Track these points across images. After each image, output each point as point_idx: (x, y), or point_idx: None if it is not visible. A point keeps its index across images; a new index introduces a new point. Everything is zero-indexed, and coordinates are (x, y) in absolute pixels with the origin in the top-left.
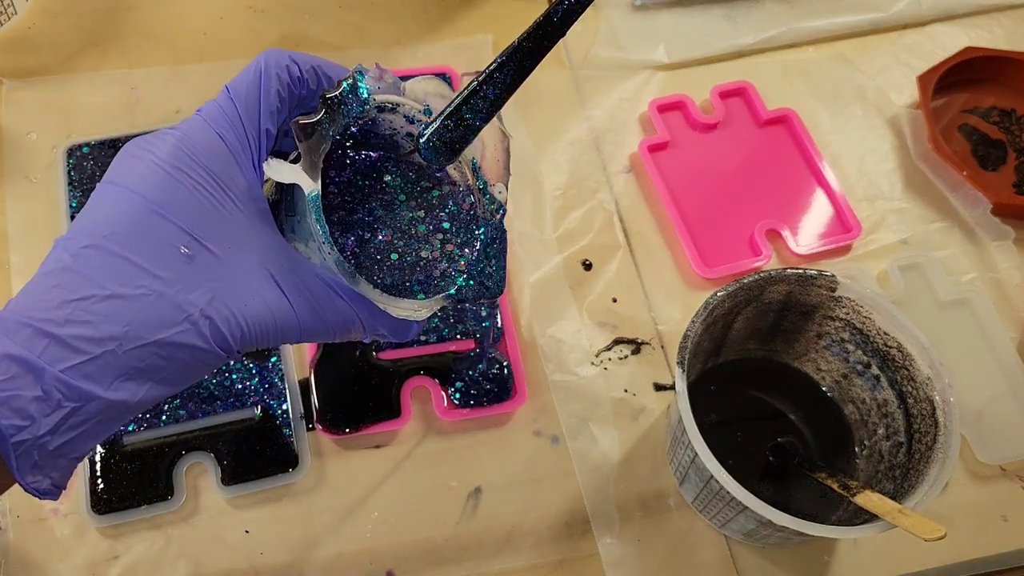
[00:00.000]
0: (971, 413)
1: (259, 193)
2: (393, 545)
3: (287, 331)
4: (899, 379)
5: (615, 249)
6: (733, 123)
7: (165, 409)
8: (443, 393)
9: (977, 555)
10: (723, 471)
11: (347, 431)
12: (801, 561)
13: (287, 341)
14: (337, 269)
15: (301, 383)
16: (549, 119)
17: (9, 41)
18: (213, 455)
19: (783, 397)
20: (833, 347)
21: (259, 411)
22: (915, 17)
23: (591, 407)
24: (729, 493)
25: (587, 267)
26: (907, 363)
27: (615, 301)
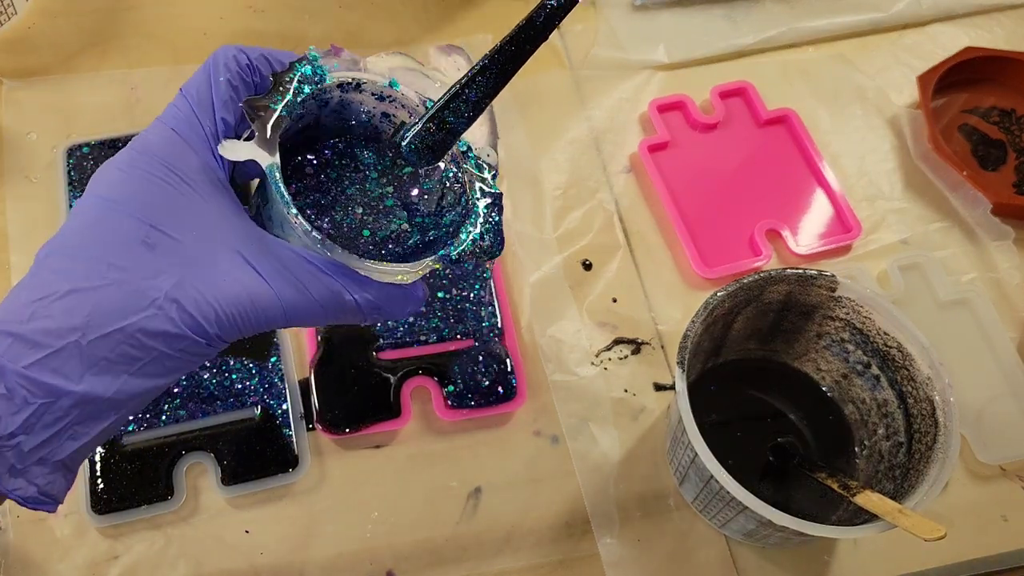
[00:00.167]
0: (971, 413)
1: (222, 178)
2: (393, 545)
3: (269, 311)
4: (899, 379)
5: (615, 249)
6: (733, 123)
7: (165, 409)
8: (443, 393)
9: (977, 555)
10: (723, 471)
11: (347, 431)
12: (801, 561)
13: (274, 322)
14: (307, 240)
15: (301, 383)
16: (549, 119)
17: (9, 41)
18: (213, 455)
19: (783, 397)
20: (833, 347)
21: (259, 411)
22: (915, 17)
23: (591, 407)
24: (729, 493)
25: (587, 267)
26: (907, 363)
27: (615, 301)
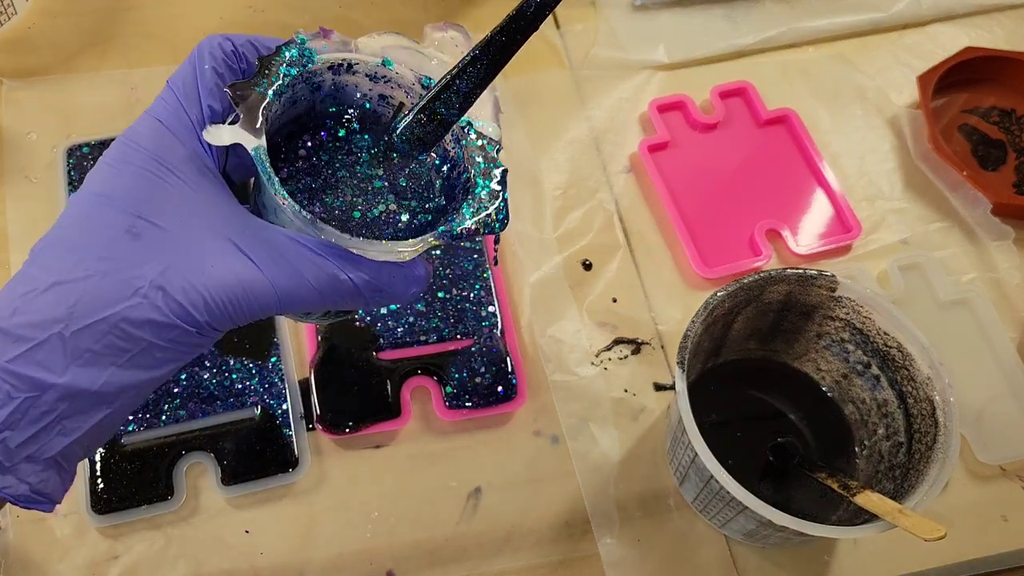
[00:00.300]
0: (971, 413)
1: (210, 165)
2: (393, 545)
3: (262, 297)
4: (899, 379)
5: (615, 249)
6: (733, 123)
7: (165, 409)
8: (443, 393)
9: (977, 555)
10: (723, 471)
11: (347, 431)
12: (801, 561)
13: (269, 308)
14: (297, 222)
15: (301, 383)
16: (549, 119)
17: (9, 41)
18: (213, 455)
19: (783, 397)
20: (833, 347)
21: (259, 411)
22: (915, 17)
23: (591, 407)
24: (729, 493)
25: (587, 267)
26: (907, 363)
27: (615, 301)
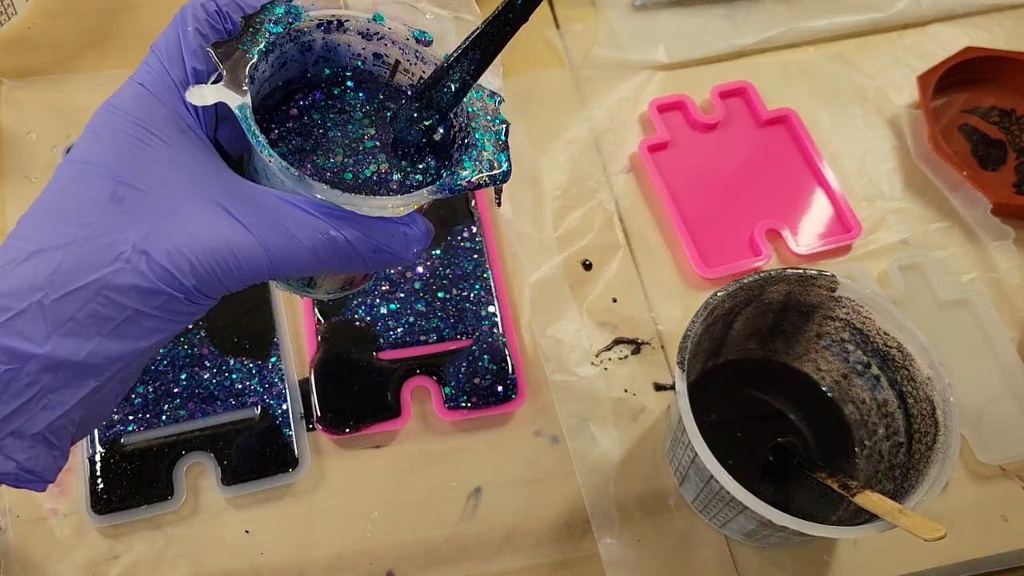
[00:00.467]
0: (971, 413)
1: (192, 125)
2: (393, 545)
3: (252, 259)
4: (899, 379)
5: (615, 249)
6: (733, 123)
7: (165, 409)
8: (443, 393)
9: (977, 555)
10: (723, 471)
11: (347, 431)
12: (801, 561)
13: (260, 271)
14: (286, 180)
15: (301, 383)
16: (549, 119)
17: (9, 41)
18: (213, 455)
19: (783, 397)
20: (833, 347)
21: (259, 411)
22: (915, 17)
23: (591, 407)
24: (729, 493)
25: (587, 267)
26: (907, 363)
27: (615, 301)
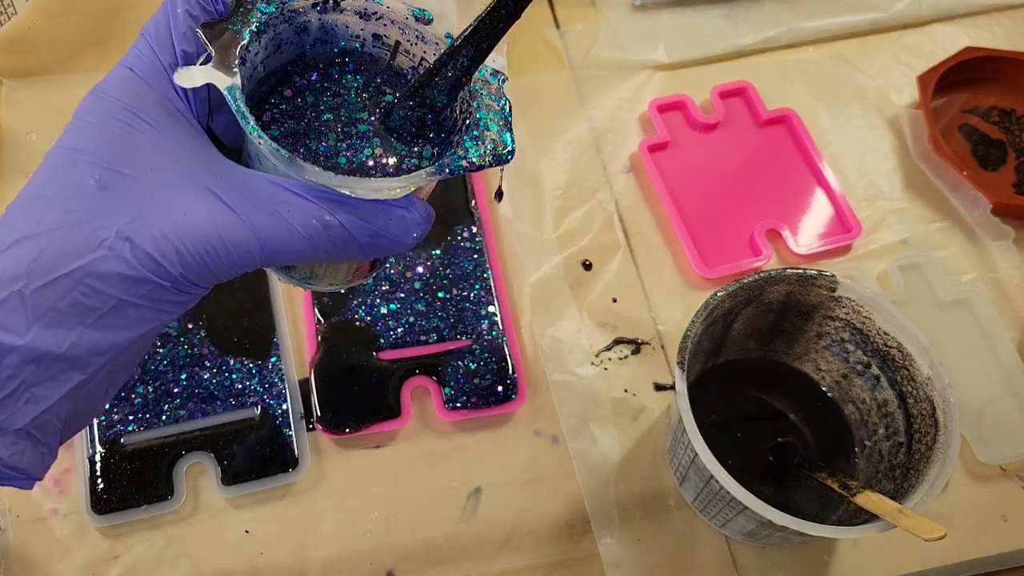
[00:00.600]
0: (971, 413)
1: (182, 109)
2: (393, 545)
3: (241, 245)
4: (899, 379)
5: (615, 249)
6: (733, 123)
7: (165, 409)
8: (443, 393)
9: (977, 555)
10: (723, 471)
11: (347, 431)
12: (801, 561)
13: (251, 259)
14: (278, 163)
15: (301, 383)
16: (549, 119)
17: (9, 41)
18: (213, 455)
19: (783, 397)
20: (833, 347)
21: (259, 411)
22: (915, 17)
23: (591, 407)
24: (729, 493)
25: (587, 267)
26: (907, 363)
27: (615, 301)
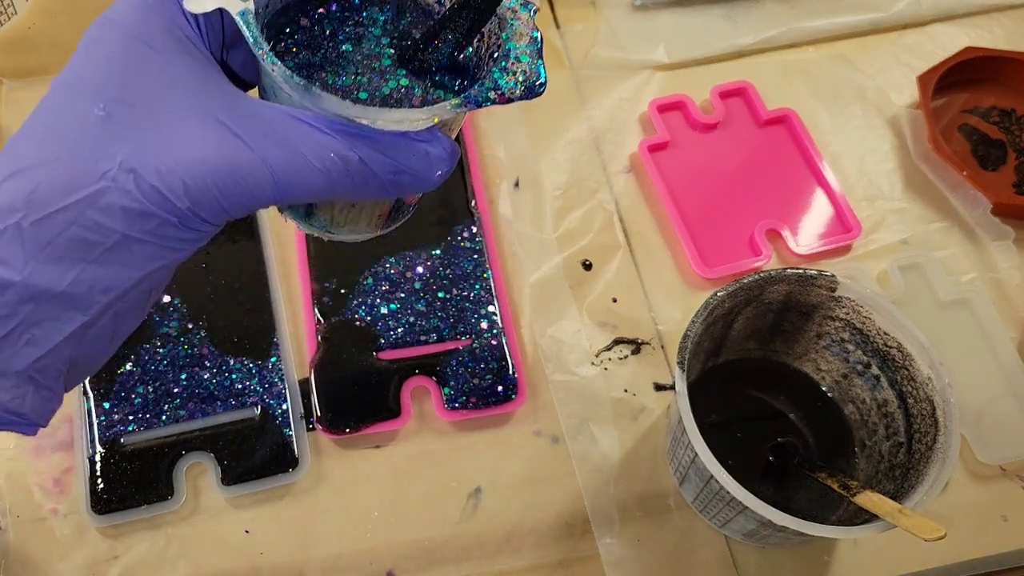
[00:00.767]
0: (971, 413)
1: (194, 39)
2: (393, 545)
3: (254, 179)
4: (899, 379)
5: (615, 249)
6: (733, 123)
7: (165, 409)
8: (443, 393)
9: (977, 555)
10: (723, 471)
11: (347, 431)
12: (801, 561)
13: (263, 194)
14: (292, 93)
15: (301, 383)
16: (549, 119)
17: (9, 41)
18: (213, 455)
19: (783, 397)
20: (833, 347)
21: (259, 411)
22: (915, 17)
23: (591, 407)
24: (729, 493)
25: (587, 267)
26: (907, 363)
27: (615, 301)
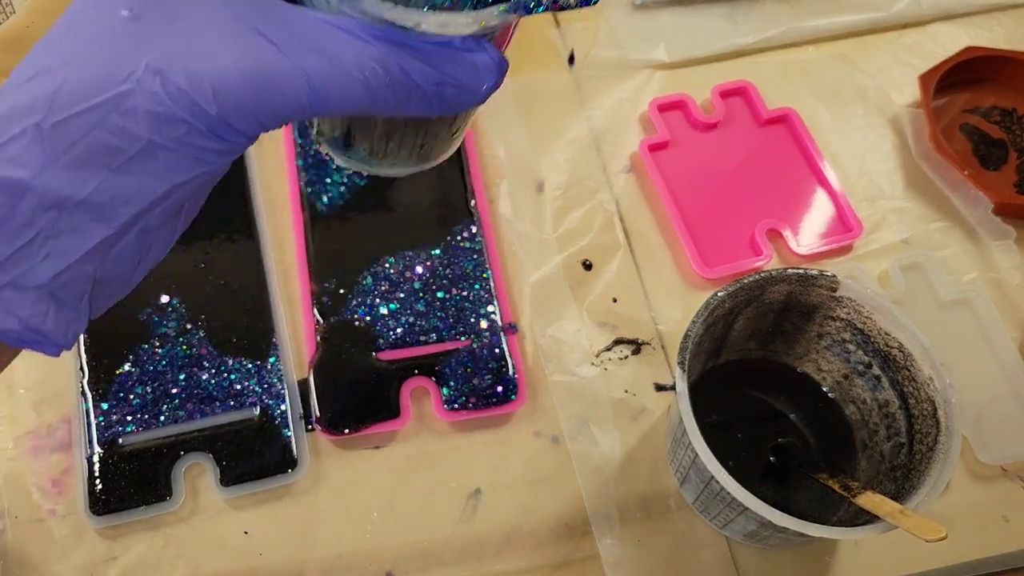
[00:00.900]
0: (972, 413)
1: None
2: (393, 546)
3: (289, 87)
4: (900, 379)
5: (615, 249)
6: (733, 123)
7: (164, 409)
8: (442, 393)
9: (978, 556)
10: (724, 472)
11: (346, 432)
12: (802, 562)
13: (299, 102)
14: None
15: (300, 383)
16: (549, 119)
17: (8, 41)
18: (212, 456)
19: (784, 398)
20: (834, 347)
21: (258, 412)
22: (915, 17)
23: (591, 407)
24: (730, 494)
25: (587, 267)
26: (908, 363)
27: (615, 301)
